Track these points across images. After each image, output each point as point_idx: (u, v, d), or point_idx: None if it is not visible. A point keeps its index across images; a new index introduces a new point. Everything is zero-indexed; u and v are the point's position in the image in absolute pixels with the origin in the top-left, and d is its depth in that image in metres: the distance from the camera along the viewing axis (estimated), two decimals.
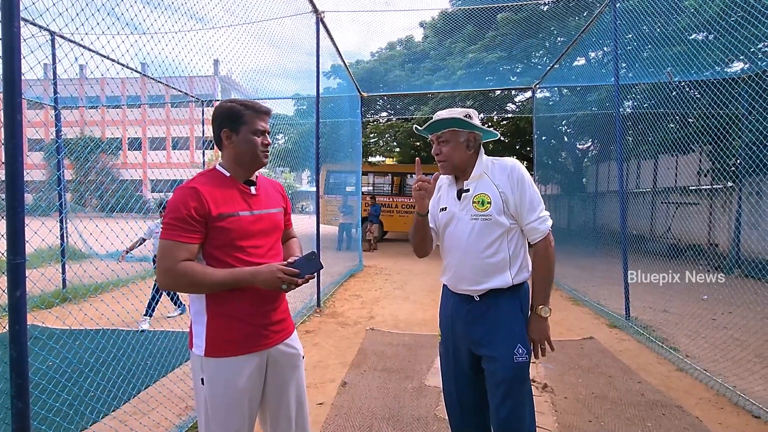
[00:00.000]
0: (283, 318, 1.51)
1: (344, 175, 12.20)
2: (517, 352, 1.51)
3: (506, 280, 1.54)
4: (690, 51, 5.94)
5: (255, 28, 4.58)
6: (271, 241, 1.47)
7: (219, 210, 1.32)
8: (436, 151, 1.62)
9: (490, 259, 1.54)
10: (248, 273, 1.33)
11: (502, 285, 1.54)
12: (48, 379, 2.60)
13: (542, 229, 1.55)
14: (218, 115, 1.41)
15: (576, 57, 9.35)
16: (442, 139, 1.60)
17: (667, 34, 6.20)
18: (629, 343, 3.94)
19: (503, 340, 1.53)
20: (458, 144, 1.58)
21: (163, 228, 1.29)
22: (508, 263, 1.55)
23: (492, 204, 1.54)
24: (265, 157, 1.44)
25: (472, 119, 1.57)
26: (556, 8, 10.09)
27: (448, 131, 1.58)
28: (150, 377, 2.98)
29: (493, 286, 1.54)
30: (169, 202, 1.31)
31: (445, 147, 1.60)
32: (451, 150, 1.59)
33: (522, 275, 1.58)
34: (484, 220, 1.54)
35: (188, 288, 1.31)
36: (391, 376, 3.14)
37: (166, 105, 10.61)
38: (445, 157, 1.60)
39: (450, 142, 1.58)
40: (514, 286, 1.55)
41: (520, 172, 1.55)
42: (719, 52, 5.88)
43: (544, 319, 1.55)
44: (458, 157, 1.59)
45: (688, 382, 3.07)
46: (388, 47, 13.50)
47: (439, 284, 1.77)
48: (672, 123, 8.60)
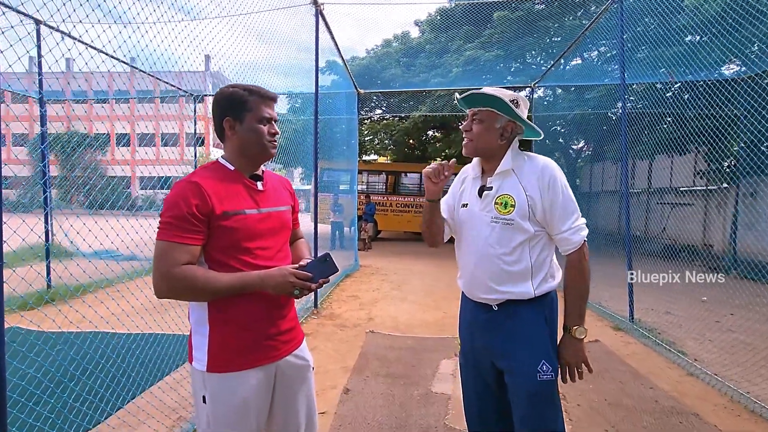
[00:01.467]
0: (293, 326, 1.37)
1: (338, 173, 12.04)
2: (542, 369, 1.35)
3: (526, 290, 1.38)
4: (690, 51, 5.92)
5: (248, 22, 4.41)
6: (279, 242, 1.33)
7: (223, 207, 1.17)
8: (467, 126, 1.46)
9: (509, 267, 1.38)
10: (257, 277, 1.18)
11: (522, 296, 1.39)
12: (20, 391, 2.39)
13: (575, 240, 1.38)
14: (219, 102, 1.25)
15: (575, 56, 9.31)
16: (476, 117, 1.44)
17: (669, 34, 6.17)
18: (635, 346, 3.85)
19: (524, 353, 1.38)
20: (491, 128, 1.43)
21: (161, 227, 1.13)
22: (530, 273, 1.39)
23: (516, 207, 1.38)
24: (273, 148, 1.29)
25: (519, 107, 1.41)
26: (551, 8, 10.06)
27: (486, 110, 1.42)
28: (138, 386, 2.79)
29: (511, 297, 1.39)
30: (168, 198, 1.15)
31: (476, 126, 1.44)
32: (481, 131, 1.43)
33: (546, 285, 1.42)
34: (506, 224, 1.38)
35: (189, 295, 1.15)
36: (396, 383, 3.01)
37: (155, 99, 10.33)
38: (472, 136, 1.45)
39: (484, 122, 1.43)
40: (536, 297, 1.40)
41: (552, 174, 1.38)
42: (719, 52, 5.85)
43: (580, 341, 1.40)
44: (485, 141, 1.44)
45: (701, 387, 2.99)
46: (384, 44, 13.34)
47: (437, 285, 1.65)
48: (665, 124, 8.62)
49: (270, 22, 4.73)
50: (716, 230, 9.02)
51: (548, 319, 1.42)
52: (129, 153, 22.76)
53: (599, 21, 5.18)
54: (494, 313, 1.43)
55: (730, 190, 8.39)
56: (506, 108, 1.40)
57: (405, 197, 13.04)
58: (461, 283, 1.54)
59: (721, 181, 8.60)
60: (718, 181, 8.70)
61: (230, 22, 4.13)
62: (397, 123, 15.15)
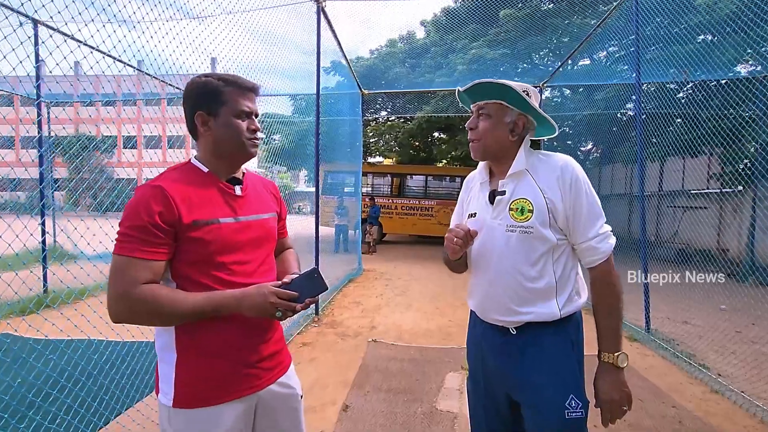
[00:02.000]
0: (278, 350, 1.20)
1: (342, 175, 11.90)
2: (570, 405, 1.15)
3: (551, 311, 1.19)
4: (703, 50, 5.70)
5: (252, 25, 4.32)
6: (261, 255, 1.16)
7: (193, 216, 1.01)
8: (471, 124, 1.27)
9: (531, 283, 1.19)
10: (232, 298, 1.01)
11: (546, 318, 1.19)
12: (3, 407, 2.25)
13: (604, 249, 1.19)
14: (190, 93, 1.08)
15: (584, 56, 9.10)
16: (483, 111, 1.25)
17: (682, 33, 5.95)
18: (653, 359, 3.64)
19: (549, 386, 1.18)
20: (500, 123, 1.24)
21: (118, 239, 0.97)
22: (554, 290, 1.20)
23: (534, 213, 1.18)
24: (253, 147, 1.12)
25: (530, 99, 1.22)
26: (559, 5, 9.87)
27: (494, 103, 1.23)
28: (132, 398, 2.64)
29: (534, 318, 1.20)
30: (127, 205, 0.99)
31: (483, 122, 1.25)
32: (489, 127, 1.24)
33: (573, 305, 1.22)
34: (524, 232, 1.19)
35: (152, 319, 0.99)
36: (398, 399, 2.83)
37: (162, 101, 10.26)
38: (479, 134, 1.26)
39: (491, 117, 1.24)
40: (562, 318, 1.21)
41: (574, 173, 1.19)
42: (734, 51, 5.63)
43: (621, 371, 1.18)
44: (495, 139, 1.25)
45: (727, 406, 2.78)
46: (389, 44, 13.21)
47: (442, 291, 1.47)
48: (675, 125, 8.38)
49: (274, 24, 4.64)
50: (732, 234, 8.74)
51: (575, 344, 1.23)
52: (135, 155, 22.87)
53: (609, 20, 5.00)
54: (512, 338, 1.24)
55: (746, 193, 8.11)
56: (517, 99, 1.21)
57: (410, 200, 12.85)
58: (472, 303, 1.36)
59: (736, 183, 8.32)
60: (734, 184, 8.43)
61: (234, 24, 4.02)
62: (402, 124, 15.00)
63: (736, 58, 6.08)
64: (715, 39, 6.23)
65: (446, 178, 13.42)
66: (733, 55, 5.86)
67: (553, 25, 9.94)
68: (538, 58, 12.30)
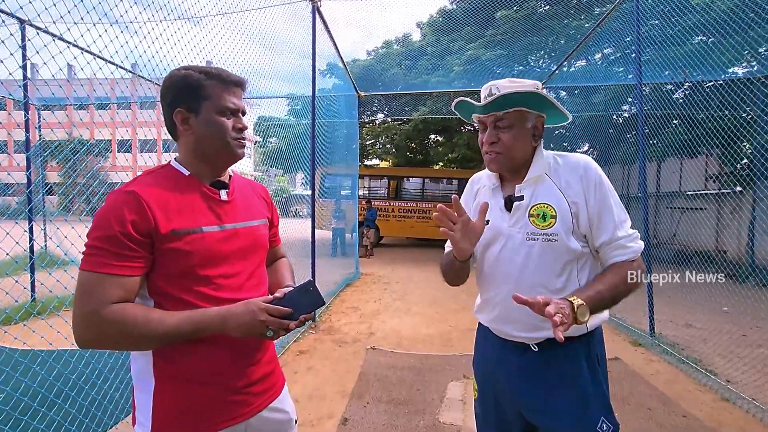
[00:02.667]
0: (269, 372, 1.09)
1: (339, 178, 11.78)
2: (601, 428, 1.06)
3: (578, 326, 1.08)
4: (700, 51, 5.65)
5: (248, 28, 4.24)
6: (250, 267, 1.04)
7: (172, 225, 0.90)
8: (491, 138, 1.14)
9: (556, 295, 1.07)
10: (216, 316, 0.90)
11: (573, 333, 1.08)
12: None
13: (634, 249, 1.08)
14: (169, 88, 0.97)
15: (581, 57, 9.06)
16: (503, 124, 1.12)
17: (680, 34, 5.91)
18: (659, 364, 3.54)
19: (578, 409, 1.08)
20: (523, 131, 1.13)
21: (85, 254, 0.85)
22: None
23: (558, 218, 1.09)
24: (240, 147, 1.01)
25: (549, 95, 1.12)
26: (555, 8, 9.84)
27: (515, 111, 1.11)
28: (124, 410, 2.51)
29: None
30: (97, 213, 0.88)
31: (505, 134, 1.12)
32: (513, 139, 1.12)
33: (598, 318, 1.13)
34: (547, 240, 1.09)
35: (124, 343, 0.87)
36: (399, 410, 2.71)
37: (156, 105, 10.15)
38: (503, 147, 1.13)
39: (513, 127, 1.12)
40: (587, 333, 1.12)
41: (597, 174, 1.11)
42: (733, 51, 5.58)
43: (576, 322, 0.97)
44: (521, 149, 1.13)
45: (739, 415, 2.68)
46: (385, 45, 13.15)
47: (442, 295, 1.34)
48: (672, 126, 8.35)
49: (270, 26, 4.55)
50: (730, 236, 8.70)
51: (600, 359, 1.14)
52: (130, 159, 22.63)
53: (606, 21, 4.93)
54: (532, 355, 1.14)
55: (745, 194, 8.07)
56: (542, 101, 1.11)
57: (407, 202, 12.75)
58: (485, 318, 1.24)
59: (734, 184, 8.28)
60: (732, 185, 8.39)
61: (230, 26, 3.93)
62: (398, 126, 14.93)
63: (736, 57, 6.04)
64: (711, 40, 6.20)
65: (443, 181, 13.34)
66: (733, 55, 5.82)
67: (549, 27, 9.91)
68: (534, 60, 12.27)
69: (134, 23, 2.93)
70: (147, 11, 2.88)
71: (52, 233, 7.11)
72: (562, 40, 10.13)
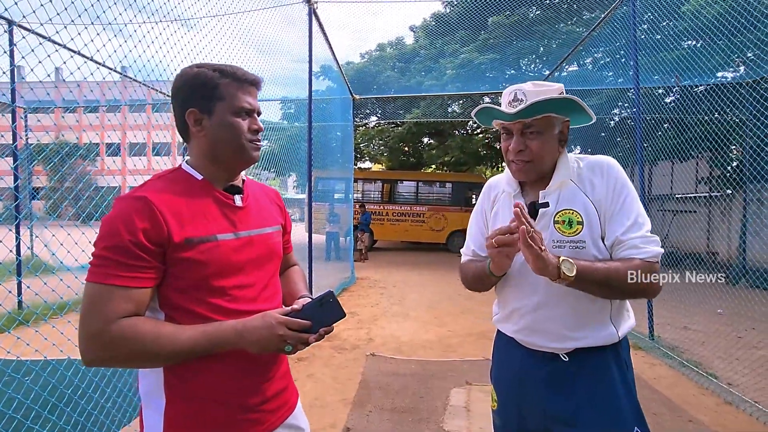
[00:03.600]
0: (283, 387, 1.03)
1: (333, 181, 11.71)
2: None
3: (609, 333, 1.06)
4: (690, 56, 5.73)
5: (242, 30, 4.19)
6: (265, 277, 0.99)
7: (185, 233, 0.84)
8: (518, 146, 1.08)
9: (586, 304, 1.05)
10: (233, 330, 0.84)
11: (605, 342, 1.06)
12: None
13: (650, 252, 1.01)
14: (181, 87, 0.91)
15: (574, 61, 9.15)
16: (532, 130, 1.07)
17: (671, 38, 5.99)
18: (661, 368, 3.54)
19: (608, 419, 1.04)
20: (551, 137, 1.08)
21: (92, 264, 0.79)
22: (609, 310, 1.07)
23: (585, 225, 1.05)
24: (255, 150, 0.96)
25: (578, 98, 1.07)
26: (546, 14, 9.95)
27: (543, 118, 1.06)
28: (118, 423, 2.41)
29: (590, 343, 1.06)
30: (105, 220, 0.81)
31: (534, 141, 1.07)
32: (542, 146, 1.07)
33: (627, 325, 1.11)
34: (574, 247, 1.04)
35: (134, 361, 0.82)
36: (403, 419, 2.66)
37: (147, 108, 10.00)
38: (532, 155, 1.07)
39: (543, 134, 1.07)
40: (617, 341, 1.08)
41: (619, 174, 1.08)
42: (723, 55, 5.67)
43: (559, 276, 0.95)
44: (549, 156, 1.09)
45: (743, 419, 2.68)
46: (378, 48, 13.15)
47: (439, 299, 1.30)
48: (661, 130, 8.46)
49: (263, 28, 4.50)
50: (721, 238, 8.82)
51: (628, 366, 1.11)
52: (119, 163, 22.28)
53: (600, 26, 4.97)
54: (561, 365, 1.09)
55: (735, 197, 8.19)
56: (570, 105, 1.06)
57: (401, 206, 12.72)
58: (510, 328, 1.19)
59: (725, 187, 8.41)
60: (722, 188, 8.52)
61: (223, 28, 3.86)
62: (392, 129, 14.92)
63: (726, 61, 6.13)
64: (701, 44, 6.29)
65: (437, 184, 13.35)
66: (723, 59, 5.90)
67: (541, 32, 10.00)
68: (525, 64, 12.37)
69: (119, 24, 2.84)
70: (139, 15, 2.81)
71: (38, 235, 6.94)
72: (554, 44, 10.24)
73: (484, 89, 11.47)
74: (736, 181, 7.71)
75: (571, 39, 8.10)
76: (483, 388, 3.07)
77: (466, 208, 12.29)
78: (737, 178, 7.69)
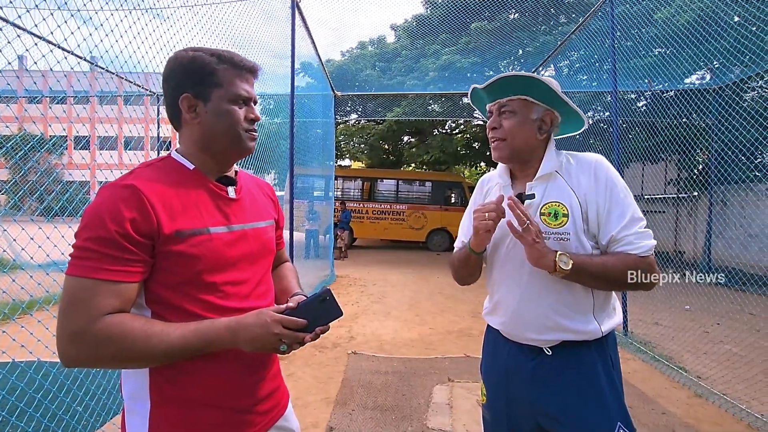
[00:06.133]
0: (275, 387, 1.00)
1: (313, 179, 11.58)
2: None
3: (592, 329, 1.08)
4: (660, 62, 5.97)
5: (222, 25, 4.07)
6: (258, 273, 0.95)
7: (176, 225, 0.79)
8: (494, 123, 1.14)
9: (570, 297, 1.07)
10: (225, 329, 0.80)
11: (587, 337, 1.08)
12: None
13: (643, 246, 1.03)
14: (175, 70, 0.86)
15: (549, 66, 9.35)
16: (506, 109, 1.12)
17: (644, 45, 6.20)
18: (634, 363, 3.66)
19: (593, 414, 1.06)
20: (527, 121, 1.12)
21: (73, 257, 0.74)
22: (592, 305, 1.09)
23: (570, 218, 1.07)
24: (251, 140, 0.92)
25: (559, 91, 1.10)
26: (524, 19, 10.14)
27: (519, 99, 1.11)
28: (90, 426, 2.29)
29: (573, 337, 1.08)
30: (88, 209, 0.76)
31: (507, 120, 1.12)
32: (515, 126, 1.11)
33: (612, 321, 1.13)
34: (559, 240, 1.07)
35: (119, 361, 0.76)
36: (385, 417, 2.64)
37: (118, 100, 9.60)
38: (503, 133, 1.12)
39: (517, 114, 1.12)
40: (602, 336, 1.10)
41: (609, 172, 1.10)
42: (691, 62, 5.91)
43: (553, 264, 1.01)
44: (522, 138, 1.12)
45: (713, 410, 2.79)
46: (359, 46, 13.08)
47: (419, 297, 1.31)
48: (632, 134, 8.77)
49: (241, 20, 4.37)
50: (687, 237, 9.21)
51: (614, 363, 1.13)
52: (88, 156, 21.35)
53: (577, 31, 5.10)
54: (546, 359, 1.11)
55: (701, 198, 8.57)
56: (545, 93, 1.09)
57: (381, 204, 12.70)
58: (497, 321, 1.21)
59: (692, 189, 8.79)
60: (689, 189, 8.90)
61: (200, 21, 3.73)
62: (373, 126, 14.88)
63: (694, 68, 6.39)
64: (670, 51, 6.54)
65: (417, 183, 13.40)
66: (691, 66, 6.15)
67: (519, 38, 10.17)
68: (504, 66, 12.57)
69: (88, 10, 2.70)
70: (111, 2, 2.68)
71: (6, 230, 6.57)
72: (529, 48, 10.45)
73: (465, 89, 11.59)
74: (702, 183, 8.08)
75: (550, 46, 8.29)
76: (465, 384, 3.09)
77: (446, 207, 12.39)
78: (703, 180, 8.05)
